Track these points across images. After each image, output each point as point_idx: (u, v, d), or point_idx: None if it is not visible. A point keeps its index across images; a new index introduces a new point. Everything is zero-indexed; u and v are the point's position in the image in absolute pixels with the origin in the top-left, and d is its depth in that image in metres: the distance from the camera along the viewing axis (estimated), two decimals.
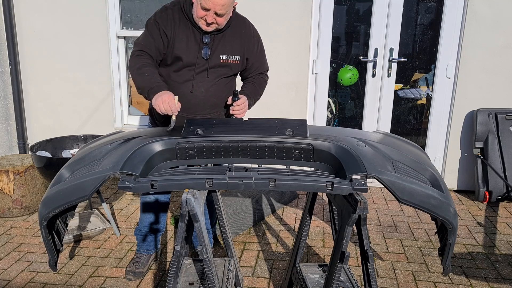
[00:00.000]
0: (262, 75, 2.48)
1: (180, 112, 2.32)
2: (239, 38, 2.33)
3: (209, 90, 2.32)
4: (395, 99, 4.08)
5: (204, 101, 2.34)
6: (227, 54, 2.31)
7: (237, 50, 2.33)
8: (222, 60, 2.30)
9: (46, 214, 1.59)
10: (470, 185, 4.06)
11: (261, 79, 2.47)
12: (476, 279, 2.66)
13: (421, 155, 1.81)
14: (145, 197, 2.63)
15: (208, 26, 2.19)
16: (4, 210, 3.40)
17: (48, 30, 4.13)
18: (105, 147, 1.74)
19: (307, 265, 2.16)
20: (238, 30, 2.33)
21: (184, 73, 2.30)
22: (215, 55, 2.28)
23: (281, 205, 3.68)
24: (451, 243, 1.64)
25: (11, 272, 2.68)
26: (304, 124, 1.78)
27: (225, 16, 2.17)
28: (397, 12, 3.84)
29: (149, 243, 2.72)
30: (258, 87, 2.44)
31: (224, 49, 2.30)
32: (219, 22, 2.18)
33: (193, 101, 2.33)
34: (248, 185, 1.51)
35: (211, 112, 2.39)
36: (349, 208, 1.55)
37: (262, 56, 2.47)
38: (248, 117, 1.90)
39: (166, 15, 2.26)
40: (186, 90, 2.30)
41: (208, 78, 2.30)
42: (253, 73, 2.45)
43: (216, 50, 2.28)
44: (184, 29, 2.25)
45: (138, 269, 2.64)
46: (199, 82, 2.30)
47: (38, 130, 4.37)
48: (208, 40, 2.26)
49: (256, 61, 2.42)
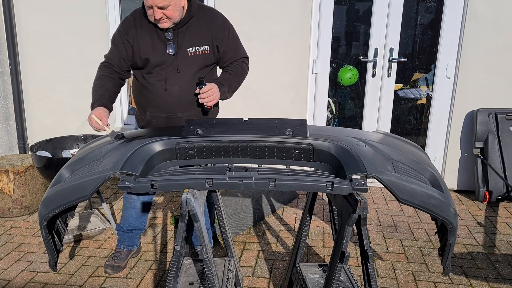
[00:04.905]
0: (239, 62, 2.44)
1: (158, 112, 2.36)
2: (205, 28, 2.32)
3: (184, 87, 2.32)
4: (395, 99, 4.07)
5: (180, 98, 2.33)
6: (194, 46, 2.30)
7: (205, 40, 2.32)
8: (190, 53, 2.30)
9: (46, 214, 1.59)
10: (470, 185, 4.06)
11: (238, 67, 2.43)
12: (476, 279, 2.66)
13: (421, 155, 1.81)
14: (128, 197, 2.66)
15: (160, 22, 2.21)
16: (4, 210, 3.40)
17: (48, 30, 4.13)
18: (105, 147, 1.74)
19: (307, 265, 2.16)
20: (203, 20, 2.32)
21: (156, 73, 2.32)
22: (181, 49, 2.29)
23: (281, 205, 3.68)
24: (451, 243, 1.64)
25: (11, 272, 2.68)
26: (304, 124, 1.77)
27: (171, 8, 2.16)
28: (397, 12, 3.84)
29: (130, 239, 2.75)
30: (235, 75, 2.40)
31: (191, 42, 2.30)
32: (169, 15, 2.18)
33: (169, 100, 2.34)
34: (248, 185, 1.51)
35: (189, 110, 2.37)
36: (349, 208, 1.55)
37: (236, 43, 2.43)
38: (248, 117, 1.90)
39: (127, 22, 2.33)
40: (161, 90, 2.32)
41: (179, 73, 2.30)
42: (229, 61, 2.42)
43: (182, 44, 2.29)
44: (148, 31, 2.29)
45: (116, 264, 2.68)
46: (172, 80, 2.31)
47: (38, 130, 4.37)
48: (172, 36, 2.27)
49: (229, 48, 2.39)
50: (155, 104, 2.37)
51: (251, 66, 4.03)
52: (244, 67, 2.46)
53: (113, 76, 2.33)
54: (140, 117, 2.51)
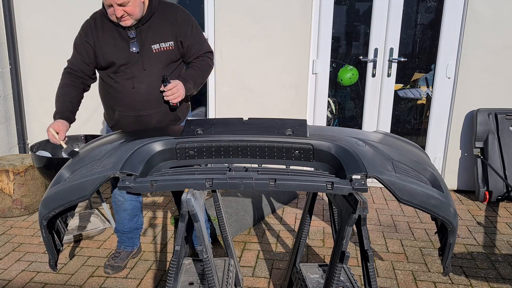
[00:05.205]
0: (203, 57, 2.44)
1: (127, 111, 2.37)
2: (168, 24, 2.32)
3: (152, 84, 2.31)
4: (395, 99, 4.07)
5: (148, 96, 2.33)
6: (158, 42, 2.30)
7: (169, 36, 2.32)
8: (154, 50, 2.30)
9: (46, 214, 1.59)
10: (470, 185, 4.06)
11: (203, 62, 2.43)
12: (476, 279, 2.66)
13: (421, 155, 1.81)
14: (116, 200, 2.66)
15: (122, 20, 2.20)
16: (4, 210, 3.40)
17: (48, 30, 4.13)
18: (105, 147, 1.74)
19: (307, 265, 2.16)
20: (166, 16, 2.33)
21: (122, 72, 2.32)
22: (145, 47, 2.29)
23: (281, 205, 3.68)
24: (451, 243, 1.64)
25: (11, 272, 2.68)
26: (304, 124, 1.77)
27: (131, 4, 2.16)
28: (397, 12, 3.84)
29: (129, 240, 2.75)
30: (200, 70, 2.40)
31: (155, 39, 2.30)
32: (130, 12, 2.18)
33: (137, 98, 2.33)
34: (248, 185, 1.51)
35: (159, 107, 2.37)
36: (349, 208, 1.55)
37: (200, 37, 2.43)
38: (248, 117, 1.90)
39: (87, 25, 2.34)
40: (128, 88, 2.32)
41: (145, 70, 2.30)
42: (193, 56, 2.41)
43: (146, 42, 2.29)
44: (110, 32, 2.29)
45: (116, 264, 2.68)
46: (139, 78, 2.31)
47: (38, 130, 4.37)
48: (134, 34, 2.28)
49: (193, 43, 2.39)
50: (123, 103, 2.37)
51: (252, 66, 4.05)
52: (209, 62, 2.46)
53: (76, 83, 2.33)
54: (109, 117, 2.51)
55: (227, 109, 4.15)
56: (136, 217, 2.72)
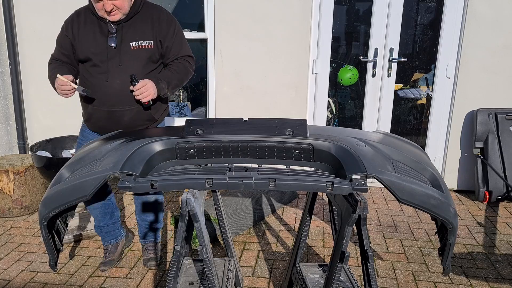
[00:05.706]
0: (182, 60, 2.44)
1: (99, 105, 2.39)
2: (150, 23, 2.35)
3: (126, 81, 2.31)
4: (395, 99, 4.08)
5: (121, 92, 2.34)
6: (137, 40, 2.32)
7: (149, 35, 2.34)
8: (133, 47, 2.32)
9: (46, 214, 1.59)
10: (470, 185, 4.06)
11: (180, 65, 2.43)
12: (476, 279, 2.66)
13: (421, 155, 1.81)
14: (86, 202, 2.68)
15: (111, 15, 2.24)
16: (4, 210, 3.40)
17: (48, 30, 4.12)
18: (105, 147, 1.74)
19: (307, 265, 2.16)
20: (149, 15, 2.36)
21: (98, 66, 2.34)
22: (124, 43, 2.31)
23: (281, 205, 3.68)
24: (451, 243, 1.63)
25: (11, 272, 2.68)
26: (304, 124, 1.77)
27: None
28: (397, 12, 3.84)
29: (109, 234, 2.75)
30: (176, 72, 2.40)
31: (134, 36, 2.32)
32: (119, 6, 2.21)
33: (110, 93, 2.35)
34: (248, 185, 1.51)
35: (132, 104, 2.37)
36: (349, 208, 1.55)
37: (180, 40, 2.44)
38: (248, 117, 1.90)
39: (70, 19, 2.40)
40: (102, 82, 2.35)
41: (121, 66, 2.31)
42: (172, 58, 2.42)
43: (125, 38, 2.31)
44: (91, 26, 2.33)
45: (107, 259, 2.70)
46: (114, 73, 2.33)
47: (38, 130, 4.37)
48: (115, 29, 2.30)
49: (173, 45, 2.40)
50: (96, 97, 2.38)
51: (252, 66, 4.05)
52: (187, 66, 2.46)
53: (64, 64, 2.40)
54: (83, 112, 2.53)
55: (227, 109, 4.15)
56: (109, 214, 2.71)
